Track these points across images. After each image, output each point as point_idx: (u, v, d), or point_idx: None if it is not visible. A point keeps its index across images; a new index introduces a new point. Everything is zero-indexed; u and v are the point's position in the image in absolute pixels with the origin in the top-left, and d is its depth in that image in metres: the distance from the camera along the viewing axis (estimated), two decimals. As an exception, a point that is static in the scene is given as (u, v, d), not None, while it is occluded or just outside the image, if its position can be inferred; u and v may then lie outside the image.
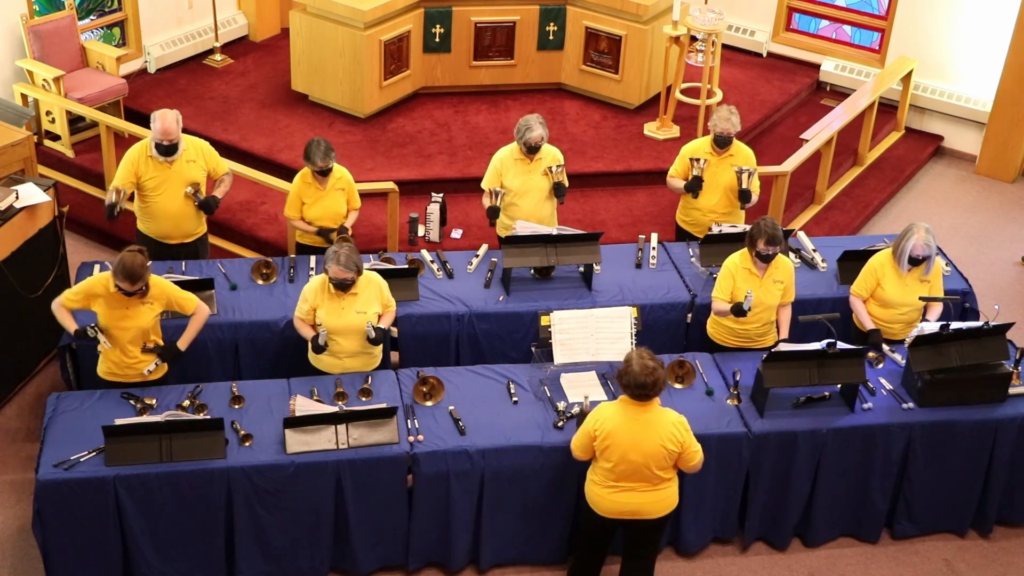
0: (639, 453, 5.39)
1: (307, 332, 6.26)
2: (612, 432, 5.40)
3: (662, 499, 5.56)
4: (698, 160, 7.27)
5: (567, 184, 7.32)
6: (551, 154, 7.30)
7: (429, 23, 9.65)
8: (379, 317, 6.26)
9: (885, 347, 6.56)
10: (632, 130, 9.70)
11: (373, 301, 6.23)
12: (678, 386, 6.29)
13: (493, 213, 7.23)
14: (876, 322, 6.67)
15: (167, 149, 6.83)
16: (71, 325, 6.06)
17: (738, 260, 6.48)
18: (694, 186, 7.33)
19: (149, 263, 5.92)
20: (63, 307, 6.05)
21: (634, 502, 5.52)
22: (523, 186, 7.24)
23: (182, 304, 6.12)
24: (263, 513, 5.78)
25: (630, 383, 5.34)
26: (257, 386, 6.19)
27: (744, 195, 7.26)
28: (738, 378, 6.33)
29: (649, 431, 5.39)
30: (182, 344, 6.17)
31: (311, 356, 6.32)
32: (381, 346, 6.35)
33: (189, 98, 9.89)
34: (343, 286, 6.09)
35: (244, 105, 9.82)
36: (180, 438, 5.63)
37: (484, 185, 7.36)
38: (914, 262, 6.48)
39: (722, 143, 7.29)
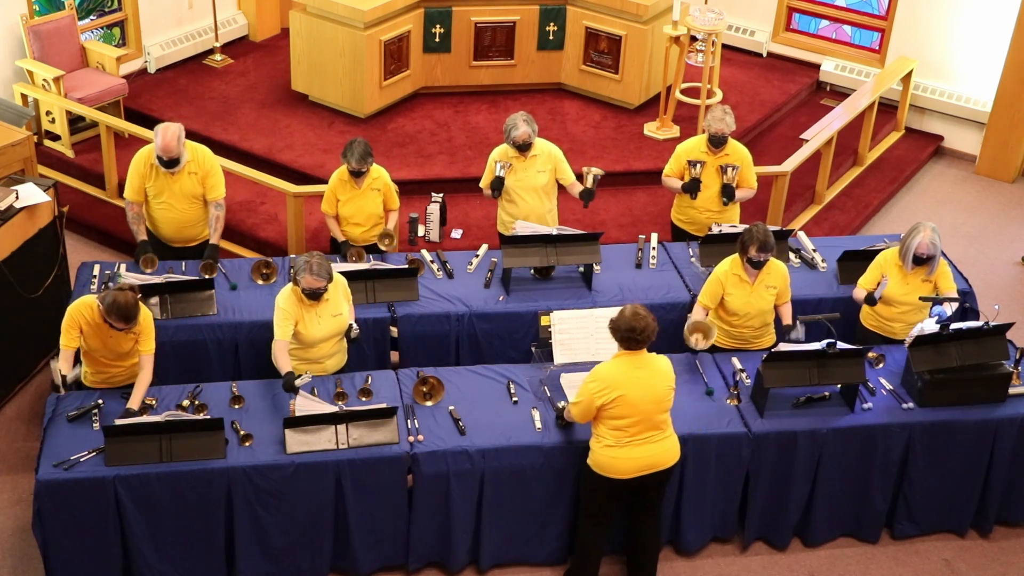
0: (648, 401, 5.56)
1: (285, 363, 6.03)
2: (619, 389, 5.52)
3: (672, 447, 5.75)
4: (695, 164, 7.28)
5: (595, 191, 7.34)
6: (546, 150, 7.30)
7: (429, 23, 9.65)
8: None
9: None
10: (632, 130, 9.70)
11: (342, 301, 6.24)
12: (696, 346, 6.34)
13: (498, 184, 7.21)
14: (877, 319, 6.69)
15: (167, 164, 6.82)
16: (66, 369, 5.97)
17: (728, 267, 6.47)
18: (692, 188, 7.33)
19: (140, 295, 5.86)
20: (66, 352, 5.93)
21: (650, 454, 5.65)
22: (519, 184, 7.24)
23: (142, 341, 5.97)
24: (263, 513, 5.78)
25: (621, 327, 5.54)
26: (257, 386, 6.19)
27: (726, 191, 7.26)
28: (739, 379, 6.34)
29: (655, 377, 5.60)
30: (134, 402, 5.90)
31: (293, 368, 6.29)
32: (345, 343, 6.38)
33: (189, 98, 9.89)
34: (316, 295, 6.07)
35: (244, 105, 9.82)
36: (180, 438, 5.63)
37: (482, 185, 7.38)
38: (918, 261, 6.47)
39: (717, 143, 7.30)
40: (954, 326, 6.16)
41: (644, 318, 5.52)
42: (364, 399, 6.08)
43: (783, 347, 6.11)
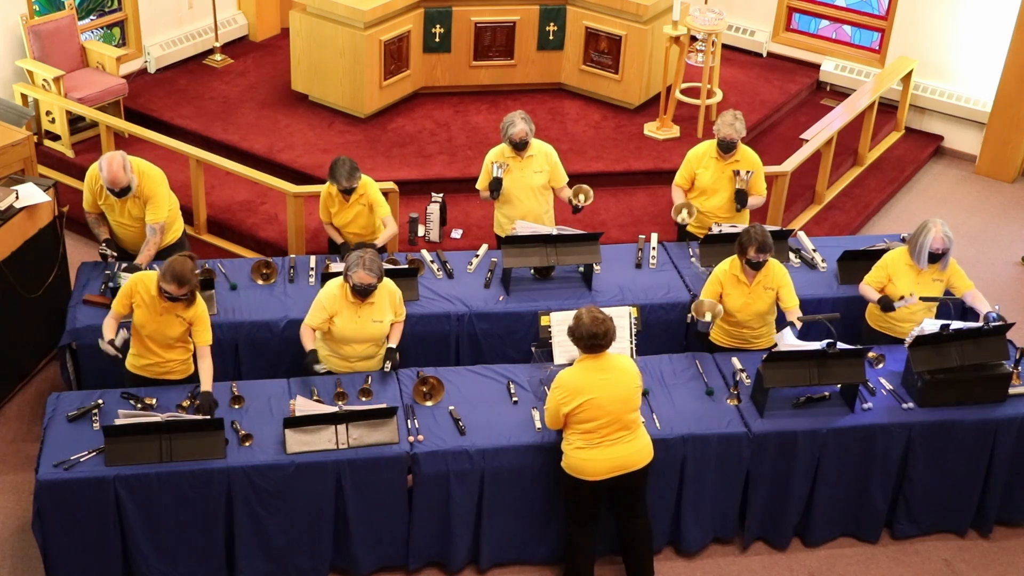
0: (617, 401, 5.58)
1: (308, 342, 6.16)
2: (585, 393, 5.55)
3: (643, 447, 5.74)
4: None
5: (582, 206, 7.35)
6: (543, 151, 7.30)
7: (429, 23, 9.65)
8: (391, 326, 6.28)
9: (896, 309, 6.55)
10: (632, 130, 9.70)
11: (387, 309, 6.22)
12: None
13: (496, 184, 7.21)
14: (887, 320, 6.66)
15: (118, 194, 6.74)
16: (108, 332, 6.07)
17: (727, 267, 6.47)
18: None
19: (199, 270, 5.88)
20: (110, 318, 6.05)
21: (620, 455, 5.66)
22: (515, 183, 7.24)
23: (198, 332, 6.02)
24: (263, 513, 5.78)
25: (583, 335, 5.56)
26: (257, 386, 6.19)
27: (739, 196, 7.25)
28: (739, 379, 6.34)
29: (618, 377, 5.61)
30: (207, 387, 5.97)
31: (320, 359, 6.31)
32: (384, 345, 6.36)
33: (189, 98, 9.89)
34: (365, 292, 6.06)
35: (244, 105, 9.82)
36: (180, 438, 5.63)
37: (478, 187, 7.38)
38: (933, 258, 6.46)
39: (726, 148, 7.27)
40: (954, 326, 6.16)
41: (604, 322, 5.55)
42: (364, 399, 6.08)
43: (783, 347, 6.11)
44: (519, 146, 7.16)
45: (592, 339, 5.55)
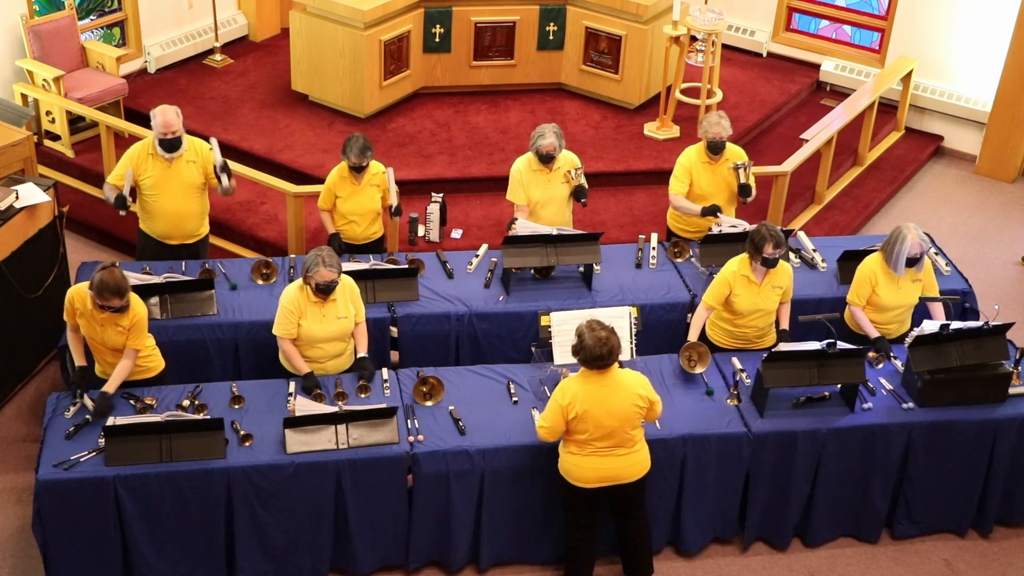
0: (613, 418, 5.54)
1: (301, 365, 6.14)
2: (583, 404, 5.52)
3: (636, 462, 5.71)
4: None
5: (587, 185, 7.31)
6: (568, 160, 7.30)
7: (429, 23, 9.65)
8: (356, 328, 6.27)
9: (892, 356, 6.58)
10: (632, 130, 9.70)
11: (348, 304, 6.22)
12: (691, 370, 6.29)
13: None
14: (874, 325, 6.66)
15: (171, 144, 6.75)
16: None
17: (736, 267, 6.46)
18: (712, 211, 7.25)
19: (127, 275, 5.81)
20: (71, 335, 6.08)
21: (612, 467, 5.65)
22: (544, 195, 7.24)
23: (132, 337, 5.94)
24: (263, 513, 5.78)
25: (588, 357, 5.50)
26: (257, 386, 6.19)
27: (744, 190, 7.25)
28: (739, 379, 6.34)
29: (618, 394, 5.55)
30: (109, 387, 5.93)
31: (286, 364, 6.31)
32: (352, 343, 6.35)
33: (189, 98, 9.89)
34: (328, 290, 6.06)
35: (244, 105, 9.82)
36: (180, 438, 5.63)
37: (511, 199, 7.32)
38: (910, 262, 6.47)
39: (716, 149, 7.24)
40: (954, 326, 6.16)
41: (607, 341, 5.44)
42: (363, 395, 6.08)
43: (783, 347, 6.11)
44: (545, 159, 7.14)
45: (597, 360, 5.48)
